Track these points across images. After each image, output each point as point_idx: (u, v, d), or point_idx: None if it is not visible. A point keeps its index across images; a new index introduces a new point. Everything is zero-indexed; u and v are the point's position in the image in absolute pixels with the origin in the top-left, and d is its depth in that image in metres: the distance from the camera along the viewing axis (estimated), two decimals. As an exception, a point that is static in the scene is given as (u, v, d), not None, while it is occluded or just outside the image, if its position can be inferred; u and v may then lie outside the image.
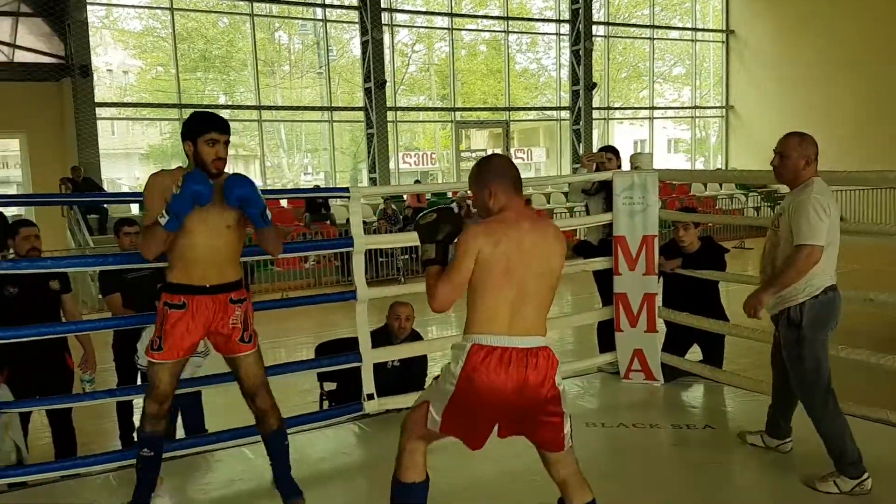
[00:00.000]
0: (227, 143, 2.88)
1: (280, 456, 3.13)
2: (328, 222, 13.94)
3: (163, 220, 2.75)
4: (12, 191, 14.41)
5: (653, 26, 20.77)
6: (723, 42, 21.63)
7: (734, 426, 4.13)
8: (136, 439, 3.06)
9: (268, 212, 2.91)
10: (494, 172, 2.44)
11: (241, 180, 2.85)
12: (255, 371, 3.04)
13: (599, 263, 4.87)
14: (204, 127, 2.84)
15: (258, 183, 16.52)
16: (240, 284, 3.01)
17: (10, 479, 3.43)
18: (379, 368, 4.19)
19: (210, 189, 2.76)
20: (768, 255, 3.27)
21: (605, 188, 4.91)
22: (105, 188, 13.76)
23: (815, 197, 3.07)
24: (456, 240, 2.39)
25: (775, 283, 3.13)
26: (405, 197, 15.09)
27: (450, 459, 3.15)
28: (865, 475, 3.11)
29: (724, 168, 20.93)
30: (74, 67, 13.40)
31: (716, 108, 22.03)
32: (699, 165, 21.74)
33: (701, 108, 21.98)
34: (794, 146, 3.16)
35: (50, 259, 4.77)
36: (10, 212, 11.61)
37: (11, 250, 4.27)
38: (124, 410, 4.69)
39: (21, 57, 13.65)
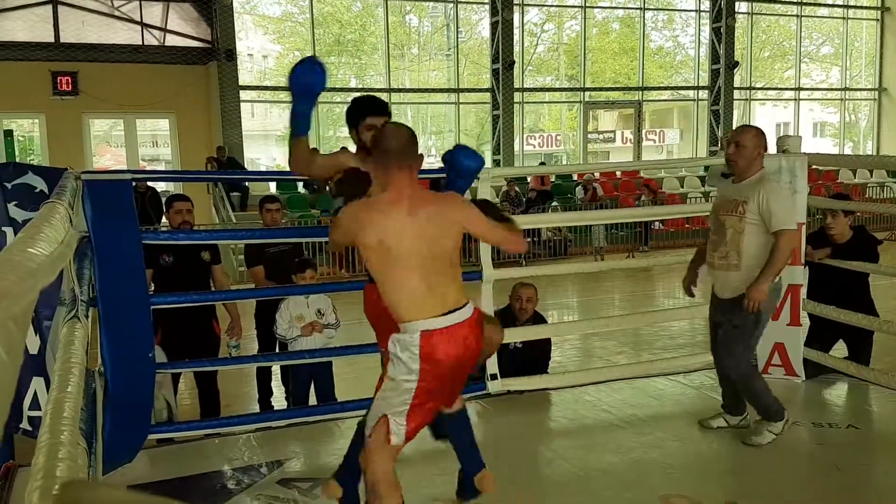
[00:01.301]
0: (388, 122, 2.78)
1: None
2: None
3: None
4: (162, 168, 15.42)
5: (800, 3, 19.51)
6: (877, 20, 20.04)
7: (880, 427, 3.89)
8: None
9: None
10: (387, 147, 2.32)
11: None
12: None
13: (738, 251, 4.66)
14: (360, 115, 2.82)
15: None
16: None
17: (160, 435, 3.70)
18: (501, 349, 4.21)
19: (320, 75, 2.62)
20: (732, 242, 3.38)
21: (747, 172, 4.67)
22: (246, 168, 14.50)
23: (779, 185, 3.37)
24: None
25: (770, 271, 3.28)
26: (528, 179, 15.00)
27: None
28: (787, 415, 3.52)
29: (875, 154, 19.47)
30: (220, 51, 14.14)
31: (867, 90, 20.48)
32: (847, 151, 20.32)
33: (851, 89, 20.50)
34: (751, 137, 3.36)
35: (204, 231, 5.09)
36: (159, 187, 12.51)
37: (165, 221, 4.59)
38: (264, 376, 4.96)
39: (171, 41, 14.53)
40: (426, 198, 2.36)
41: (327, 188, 2.87)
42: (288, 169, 2.91)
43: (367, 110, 2.83)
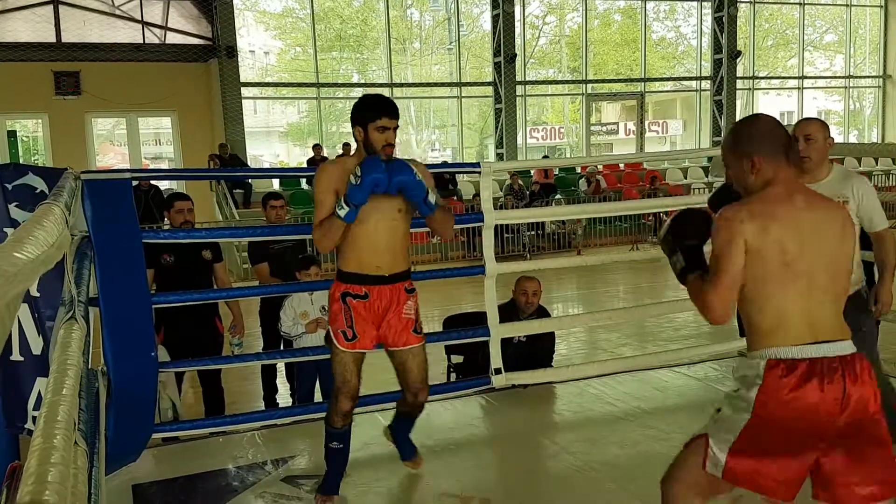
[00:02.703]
0: (396, 128, 2.77)
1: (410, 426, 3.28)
2: (454, 198, 14.06)
3: (342, 212, 2.67)
4: (165, 166, 15.42)
5: (803, -10, 19.41)
6: (881, 6, 19.90)
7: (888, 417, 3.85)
8: (325, 432, 3.02)
9: (431, 196, 2.78)
10: (757, 137, 1.95)
11: (400, 167, 2.71)
12: (422, 365, 2.98)
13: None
14: (375, 113, 2.72)
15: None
16: (409, 273, 2.96)
17: (165, 434, 3.71)
18: (505, 343, 4.21)
19: (387, 176, 2.65)
20: None
21: (750, 162, 4.65)
22: (248, 164, 14.50)
23: (865, 179, 3.14)
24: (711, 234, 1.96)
25: (891, 271, 3.09)
26: (531, 172, 14.97)
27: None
28: None
29: (880, 142, 19.37)
30: (221, 48, 14.13)
31: (872, 77, 20.36)
32: (852, 139, 20.22)
33: (855, 77, 20.38)
34: (819, 128, 3.08)
35: (204, 230, 5.08)
36: (163, 185, 12.53)
37: (167, 221, 4.59)
38: (268, 373, 4.96)
39: (172, 38, 14.52)
40: (811, 194, 1.98)
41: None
42: (290, 166, 2.93)
43: (383, 111, 2.72)
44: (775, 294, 1.85)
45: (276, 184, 13.63)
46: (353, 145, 2.90)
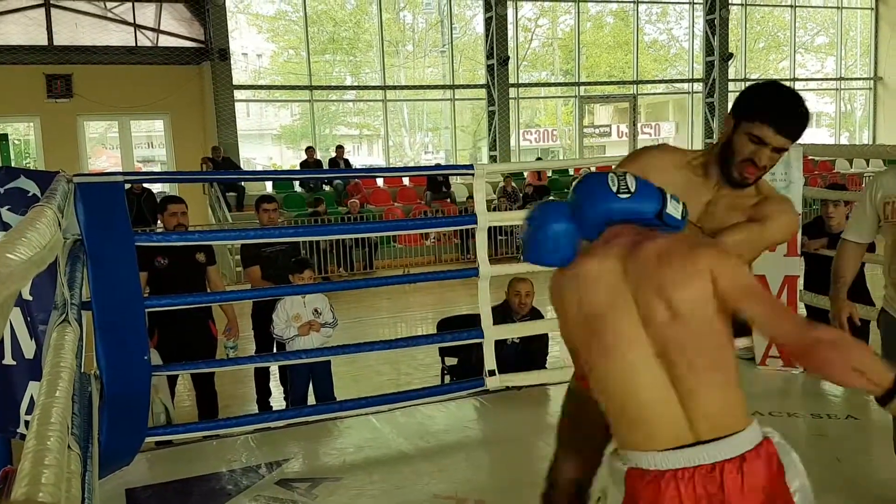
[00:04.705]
0: (777, 150, 1.87)
1: None
2: (448, 200, 14.08)
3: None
4: (157, 169, 15.37)
5: (794, -7, 19.52)
6: (872, 9, 20.02)
7: (880, 417, 3.87)
8: None
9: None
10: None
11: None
12: None
13: (734, 243, 4.65)
14: (758, 114, 1.84)
15: (380, 162, 17.02)
16: None
17: (158, 438, 3.69)
18: (499, 345, 4.21)
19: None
20: None
21: (742, 164, 4.66)
22: (241, 167, 14.47)
23: None
24: None
25: None
26: (525, 174, 15.00)
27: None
28: None
29: (871, 143, 19.48)
30: (214, 51, 14.11)
31: (863, 79, 20.48)
32: (843, 141, 20.33)
33: (846, 79, 20.49)
34: None
35: (197, 232, 5.08)
36: (156, 188, 12.49)
37: (160, 223, 4.59)
38: (262, 376, 4.95)
39: (165, 41, 14.48)
40: (626, 240, 1.63)
41: None
42: (284, 168, 2.89)
43: (771, 119, 1.84)
44: (617, 381, 1.57)
45: (269, 187, 13.60)
46: (341, 148, 2.89)
